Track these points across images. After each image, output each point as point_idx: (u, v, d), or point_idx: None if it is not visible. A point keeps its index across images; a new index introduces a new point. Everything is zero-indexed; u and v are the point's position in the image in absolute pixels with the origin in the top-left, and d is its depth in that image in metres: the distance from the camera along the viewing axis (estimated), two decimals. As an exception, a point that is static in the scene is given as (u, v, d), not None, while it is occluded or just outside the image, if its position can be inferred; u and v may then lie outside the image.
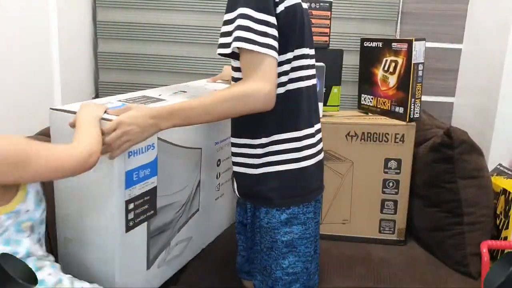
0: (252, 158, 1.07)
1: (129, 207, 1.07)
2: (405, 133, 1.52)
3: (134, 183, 1.06)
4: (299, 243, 1.09)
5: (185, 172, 1.26)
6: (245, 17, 0.95)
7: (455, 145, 1.44)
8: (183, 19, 2.03)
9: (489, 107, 1.74)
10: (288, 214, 1.07)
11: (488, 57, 1.77)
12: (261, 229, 1.11)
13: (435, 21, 1.97)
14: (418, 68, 1.50)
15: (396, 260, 1.49)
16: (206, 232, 1.45)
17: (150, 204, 1.13)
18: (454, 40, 1.99)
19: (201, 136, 1.29)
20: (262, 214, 1.10)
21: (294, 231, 1.08)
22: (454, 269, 1.45)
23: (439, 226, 1.50)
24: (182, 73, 2.09)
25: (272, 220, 1.08)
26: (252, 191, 1.10)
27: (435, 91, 2.03)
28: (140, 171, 1.08)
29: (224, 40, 1.01)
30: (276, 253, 1.10)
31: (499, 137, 1.69)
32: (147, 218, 1.13)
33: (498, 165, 1.63)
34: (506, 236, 1.44)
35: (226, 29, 1.00)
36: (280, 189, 1.07)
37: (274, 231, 1.08)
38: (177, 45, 2.06)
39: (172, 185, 1.22)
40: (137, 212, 1.10)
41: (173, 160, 1.19)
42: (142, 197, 1.10)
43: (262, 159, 1.06)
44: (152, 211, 1.14)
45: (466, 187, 1.45)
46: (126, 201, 1.06)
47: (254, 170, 1.07)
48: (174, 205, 1.24)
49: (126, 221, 1.07)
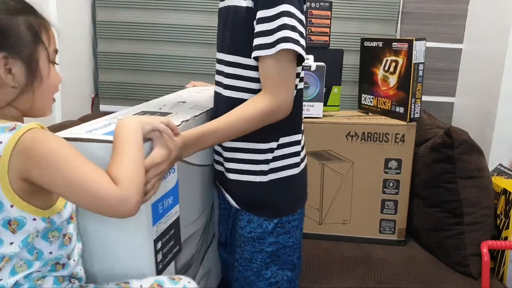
0: (261, 164, 0.99)
1: (158, 247, 0.87)
2: (406, 133, 1.52)
3: (160, 217, 0.87)
4: (282, 252, 1.04)
5: (202, 194, 1.09)
6: (291, 15, 0.87)
7: (455, 145, 1.44)
8: (183, 19, 2.03)
9: (489, 107, 1.73)
10: (275, 224, 1.01)
11: (489, 57, 1.77)
12: (241, 238, 1.04)
13: (435, 21, 1.97)
14: (419, 68, 1.50)
15: (396, 260, 1.49)
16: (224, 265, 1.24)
17: (175, 239, 0.94)
18: (455, 40, 1.99)
19: (209, 151, 1.11)
20: (243, 222, 1.03)
21: (279, 241, 1.02)
22: (455, 269, 1.45)
23: (440, 226, 1.50)
24: (182, 73, 2.09)
25: (257, 230, 1.01)
26: (256, 200, 1.02)
27: (436, 91, 2.03)
28: (164, 200, 0.89)
29: (262, 40, 0.88)
30: (258, 264, 1.03)
31: (499, 137, 1.69)
32: (174, 255, 0.94)
33: (499, 165, 1.63)
34: (507, 236, 1.44)
35: (263, 27, 0.88)
36: (289, 197, 1.02)
37: (259, 241, 1.02)
38: (177, 45, 2.06)
39: (192, 211, 1.03)
40: (165, 251, 0.90)
41: (189, 181, 1.01)
42: (168, 231, 0.91)
43: (271, 164, 1.00)
44: (177, 246, 0.96)
45: (467, 187, 1.45)
46: (154, 240, 0.86)
47: (263, 177, 1.00)
48: (195, 235, 1.06)
49: (156, 264, 0.87)
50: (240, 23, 0.94)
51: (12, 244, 0.72)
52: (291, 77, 0.91)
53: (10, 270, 0.73)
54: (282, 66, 0.89)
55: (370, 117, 1.63)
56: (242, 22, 0.93)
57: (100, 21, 2.05)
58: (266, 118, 0.91)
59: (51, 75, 0.78)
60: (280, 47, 0.87)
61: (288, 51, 0.88)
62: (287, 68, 0.90)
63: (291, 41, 0.87)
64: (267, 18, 0.88)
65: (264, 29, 0.88)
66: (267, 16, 0.88)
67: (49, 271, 0.78)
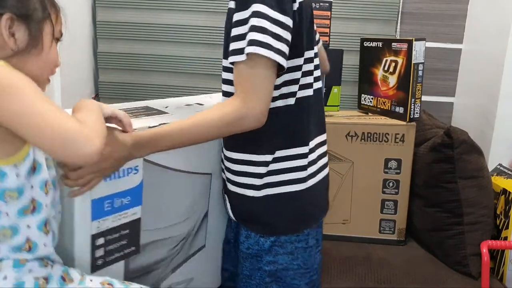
0: (254, 178, 0.93)
1: (97, 243, 0.88)
2: (405, 133, 1.52)
3: (105, 214, 0.88)
4: (284, 274, 0.96)
5: (187, 202, 1.06)
6: (260, 15, 0.80)
7: (455, 145, 1.44)
8: (183, 19, 2.03)
9: (489, 107, 1.73)
10: (272, 242, 0.94)
11: (488, 57, 1.77)
12: (241, 253, 0.99)
13: (435, 21, 1.97)
14: (418, 68, 1.50)
15: (396, 260, 1.49)
16: (214, 273, 1.20)
17: (130, 240, 0.93)
18: (454, 40, 1.99)
19: (212, 159, 1.06)
20: (242, 237, 0.98)
21: (278, 261, 0.95)
22: (454, 269, 1.45)
23: (439, 226, 1.50)
24: (181, 73, 2.09)
25: (254, 246, 0.96)
26: (251, 215, 0.97)
27: (435, 91, 2.03)
28: (115, 199, 0.89)
29: (236, 45, 0.83)
30: (257, 282, 0.98)
31: (499, 137, 1.69)
32: (126, 256, 0.94)
33: (498, 165, 1.63)
34: (506, 236, 1.44)
35: (238, 31, 0.84)
36: (289, 215, 0.95)
37: (256, 259, 0.96)
38: (177, 45, 2.06)
39: (167, 217, 1.01)
40: (110, 248, 0.91)
41: (170, 187, 1.00)
42: (118, 230, 0.90)
43: (264, 179, 0.93)
44: (133, 247, 0.95)
45: (466, 187, 1.45)
46: (92, 235, 0.87)
47: (256, 192, 0.94)
48: (168, 241, 1.03)
49: (92, 259, 0.88)
50: (227, 26, 0.90)
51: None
52: (263, 84, 0.82)
53: None
54: (253, 73, 0.82)
55: (370, 117, 1.63)
56: (228, 25, 0.89)
57: (100, 21, 2.05)
58: (229, 125, 0.83)
59: (52, 51, 0.78)
60: (246, 50, 0.80)
61: (259, 56, 0.80)
62: (259, 74, 0.81)
63: (257, 44, 0.79)
64: (241, 21, 0.83)
65: (237, 33, 0.83)
66: (241, 19, 0.83)
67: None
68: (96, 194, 0.85)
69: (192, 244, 1.11)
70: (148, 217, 0.96)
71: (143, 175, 0.94)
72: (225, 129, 0.85)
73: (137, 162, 0.90)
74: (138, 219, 0.93)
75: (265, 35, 0.80)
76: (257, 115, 0.83)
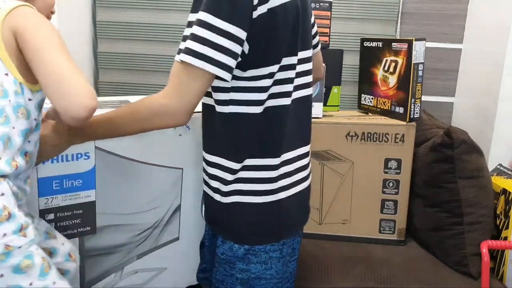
0: (222, 184, 0.91)
1: (47, 217, 0.99)
2: (405, 133, 1.52)
3: (53, 193, 0.98)
4: (256, 283, 0.94)
5: (153, 193, 1.11)
6: (204, 25, 0.78)
7: (455, 145, 1.44)
8: (183, 19, 2.02)
9: (489, 107, 1.74)
10: (246, 250, 0.92)
11: (488, 57, 1.77)
12: (216, 257, 0.97)
13: (435, 21, 1.97)
14: (418, 68, 1.50)
15: (396, 260, 1.49)
16: (192, 267, 1.22)
17: (84, 220, 1.02)
18: (454, 40, 1.99)
19: (184, 155, 1.12)
20: (218, 241, 0.95)
21: (251, 270, 0.93)
22: (454, 269, 1.45)
23: (439, 226, 1.50)
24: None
25: (228, 252, 0.93)
26: (218, 219, 0.95)
27: (436, 91, 2.03)
28: (64, 180, 0.99)
29: (182, 45, 0.83)
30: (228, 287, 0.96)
31: (499, 137, 1.69)
32: (81, 234, 1.03)
33: (498, 165, 1.63)
34: (506, 236, 1.44)
35: (186, 32, 0.84)
36: (260, 225, 0.92)
37: (229, 265, 0.94)
38: (177, 45, 2.05)
39: (128, 205, 1.08)
40: (61, 225, 1.00)
41: (133, 177, 1.07)
42: (71, 209, 1.00)
43: (230, 186, 0.90)
44: (88, 227, 1.04)
45: (466, 187, 1.45)
46: (41, 210, 0.98)
47: (223, 198, 0.92)
48: (130, 227, 1.10)
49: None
50: None
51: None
52: (191, 90, 0.81)
53: None
54: (184, 77, 0.81)
55: (370, 117, 1.63)
56: None
57: (100, 21, 2.05)
58: (151, 114, 0.84)
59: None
60: (181, 57, 0.80)
61: (193, 66, 0.79)
62: (189, 81, 0.81)
63: (192, 54, 0.79)
64: (190, 23, 0.83)
65: (185, 33, 0.84)
66: (190, 20, 0.83)
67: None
68: (43, 173, 0.95)
69: (162, 235, 1.16)
70: (107, 201, 1.04)
71: (99, 162, 1.02)
72: (149, 118, 0.85)
73: (87, 149, 0.97)
74: (92, 201, 1.01)
75: (203, 46, 0.78)
76: (180, 114, 0.83)
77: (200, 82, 0.81)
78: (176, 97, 0.82)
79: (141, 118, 0.85)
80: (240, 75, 0.85)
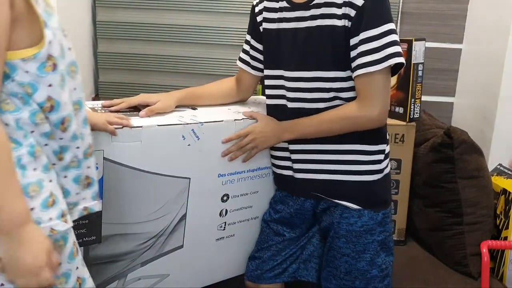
0: (374, 164, 1.14)
1: None
2: (405, 133, 1.52)
3: None
4: (389, 239, 1.17)
5: (159, 202, 1.11)
6: (395, 32, 1.03)
7: (455, 145, 1.44)
8: (183, 19, 2.03)
9: (489, 107, 1.74)
10: (383, 214, 1.14)
11: (488, 57, 1.77)
12: (349, 234, 1.13)
13: (435, 21, 1.97)
14: (418, 68, 1.50)
15: (396, 260, 1.48)
16: (195, 274, 1.25)
17: (90, 229, 1.01)
18: (454, 40, 1.99)
19: (192, 165, 1.12)
20: (352, 219, 1.13)
21: (387, 230, 1.15)
22: (454, 269, 1.45)
23: (439, 226, 1.50)
24: (182, 73, 2.09)
25: (369, 222, 1.12)
26: (374, 196, 1.15)
27: (436, 91, 2.03)
28: None
29: (371, 57, 1.02)
30: (371, 254, 1.13)
31: (499, 137, 1.69)
32: (86, 243, 1.02)
33: (498, 165, 1.63)
34: (506, 236, 1.45)
35: (372, 45, 1.02)
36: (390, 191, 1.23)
37: (371, 232, 1.13)
38: (177, 45, 2.06)
39: (135, 214, 1.08)
40: None
41: (140, 187, 1.07)
42: (77, 220, 0.96)
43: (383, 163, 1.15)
44: (93, 237, 1.02)
45: (466, 187, 1.45)
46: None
47: (371, 176, 1.14)
48: (136, 236, 1.10)
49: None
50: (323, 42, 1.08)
51: None
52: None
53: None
54: (384, 80, 1.08)
55: (370, 117, 1.63)
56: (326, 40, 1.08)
57: (100, 21, 2.05)
58: (354, 124, 1.09)
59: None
60: (395, 60, 1.04)
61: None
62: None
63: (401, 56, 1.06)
64: (374, 36, 1.03)
65: (372, 47, 1.03)
66: (375, 35, 1.03)
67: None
68: None
69: (166, 243, 1.16)
70: (113, 211, 1.03)
71: (107, 172, 1.00)
72: (350, 125, 1.08)
73: (96, 160, 0.94)
74: (98, 212, 0.97)
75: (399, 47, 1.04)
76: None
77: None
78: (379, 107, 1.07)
79: (350, 127, 1.08)
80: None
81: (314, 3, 1.07)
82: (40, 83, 0.73)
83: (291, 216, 1.22)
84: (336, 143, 1.11)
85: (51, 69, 0.74)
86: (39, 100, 0.74)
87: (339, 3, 1.04)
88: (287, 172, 1.19)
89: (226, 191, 1.21)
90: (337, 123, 1.08)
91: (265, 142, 1.15)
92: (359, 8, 1.01)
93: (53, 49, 0.74)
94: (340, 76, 1.07)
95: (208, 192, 1.18)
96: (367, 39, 1.02)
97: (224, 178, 1.19)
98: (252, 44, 1.25)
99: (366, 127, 1.09)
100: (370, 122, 1.07)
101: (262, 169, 1.25)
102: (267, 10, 1.17)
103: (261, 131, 1.14)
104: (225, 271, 1.31)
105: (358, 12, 1.01)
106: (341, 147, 1.12)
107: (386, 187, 1.18)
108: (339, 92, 1.09)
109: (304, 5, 1.08)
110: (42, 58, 0.72)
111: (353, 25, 1.03)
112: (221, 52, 2.04)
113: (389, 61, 1.01)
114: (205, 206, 1.19)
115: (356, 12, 1.02)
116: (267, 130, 1.15)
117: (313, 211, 1.20)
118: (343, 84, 1.08)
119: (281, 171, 1.21)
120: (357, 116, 1.06)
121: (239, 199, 1.24)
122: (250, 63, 1.27)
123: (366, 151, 1.11)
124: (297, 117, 1.13)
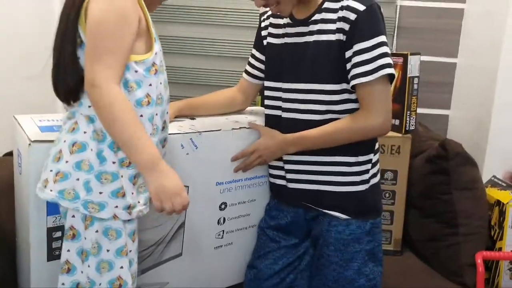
0: (362, 175, 1.16)
1: (55, 235, 1.02)
2: (401, 144, 1.54)
3: (60, 212, 0.99)
4: (378, 249, 1.18)
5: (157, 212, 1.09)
6: (386, 44, 1.08)
7: (450, 157, 1.46)
8: (184, 31, 2.05)
9: (483, 119, 1.76)
10: (371, 224, 1.16)
11: (482, 71, 1.80)
12: (337, 242, 1.15)
13: (430, 35, 2.01)
14: (413, 82, 1.53)
15: (392, 270, 1.49)
16: (194, 282, 1.25)
17: None
18: (449, 54, 2.02)
19: (190, 173, 1.13)
20: (340, 227, 1.15)
21: (375, 240, 1.17)
22: (450, 279, 1.46)
23: (435, 236, 1.52)
24: (182, 84, 2.10)
25: (357, 230, 1.15)
26: (361, 206, 1.17)
27: (431, 104, 2.05)
28: None
29: (363, 68, 1.06)
30: (359, 263, 1.15)
31: (493, 149, 1.71)
32: None
33: (492, 177, 1.65)
34: (501, 247, 1.46)
35: (364, 57, 1.07)
36: (379, 201, 1.23)
37: (359, 241, 1.15)
38: (178, 56, 2.07)
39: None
40: None
41: None
42: None
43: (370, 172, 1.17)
44: None
45: (461, 199, 1.47)
46: (48, 228, 1.01)
47: (360, 186, 1.16)
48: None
49: (48, 249, 1.03)
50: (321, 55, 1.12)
51: None
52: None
53: None
54: (382, 90, 1.11)
55: (367, 129, 1.65)
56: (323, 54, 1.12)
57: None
58: (360, 134, 1.12)
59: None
60: (386, 71, 1.09)
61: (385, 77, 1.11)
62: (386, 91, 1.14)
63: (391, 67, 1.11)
64: (366, 49, 1.08)
65: (364, 58, 1.07)
66: (367, 47, 1.07)
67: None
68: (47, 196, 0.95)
69: (165, 251, 1.16)
70: None
71: None
72: (355, 136, 1.11)
73: None
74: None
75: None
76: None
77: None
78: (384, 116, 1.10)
79: (356, 138, 1.11)
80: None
81: (313, 20, 1.12)
82: (143, 82, 0.91)
83: (287, 223, 1.25)
84: (328, 155, 1.14)
85: (153, 73, 0.93)
86: (139, 96, 0.91)
87: (334, 18, 1.09)
88: (280, 182, 1.22)
89: (224, 199, 1.22)
90: (342, 134, 1.10)
91: (271, 157, 1.19)
92: (352, 22, 1.07)
93: (157, 59, 0.95)
94: (334, 89, 1.11)
95: (206, 201, 1.19)
96: (359, 51, 1.07)
97: (222, 187, 1.21)
98: (253, 54, 1.30)
99: (371, 136, 1.13)
100: (375, 131, 1.11)
101: (259, 177, 1.27)
102: (273, 26, 1.23)
103: (266, 148, 1.17)
104: (224, 279, 1.32)
105: (352, 26, 1.07)
106: (331, 159, 1.15)
107: (374, 196, 1.20)
108: (332, 104, 1.12)
109: (304, 21, 1.14)
110: (149, 63, 0.92)
111: (347, 38, 1.08)
112: (218, 63, 2.07)
113: (380, 72, 1.05)
114: (203, 214, 1.20)
115: (349, 26, 1.07)
116: (271, 145, 1.17)
117: (305, 219, 1.23)
118: (336, 97, 1.12)
119: (275, 180, 1.24)
120: (362, 126, 1.09)
121: (236, 207, 1.25)
122: (250, 72, 1.31)
123: (350, 163, 1.14)
124: (290, 127, 1.15)
